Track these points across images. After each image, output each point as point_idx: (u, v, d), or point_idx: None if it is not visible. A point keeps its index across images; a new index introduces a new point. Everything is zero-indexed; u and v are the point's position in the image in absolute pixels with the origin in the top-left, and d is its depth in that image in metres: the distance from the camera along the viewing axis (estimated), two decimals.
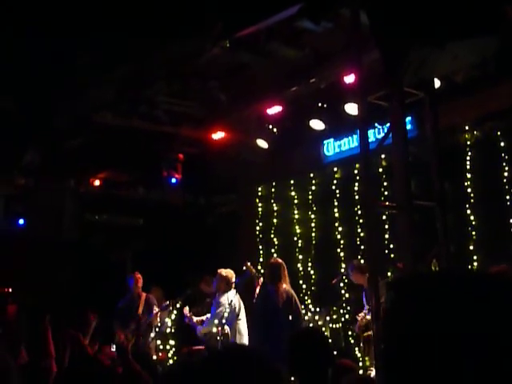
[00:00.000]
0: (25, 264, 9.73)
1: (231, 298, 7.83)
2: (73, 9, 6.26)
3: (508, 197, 7.88)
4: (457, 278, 1.13)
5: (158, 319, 8.99)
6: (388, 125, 8.21)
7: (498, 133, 8.07)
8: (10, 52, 6.84)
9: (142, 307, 8.87)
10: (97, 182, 10.96)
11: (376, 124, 8.66)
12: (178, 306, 9.36)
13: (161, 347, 9.17)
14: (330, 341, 7.70)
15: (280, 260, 7.82)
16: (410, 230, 5.66)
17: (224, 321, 7.69)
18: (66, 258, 10.38)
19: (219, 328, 7.62)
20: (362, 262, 8.40)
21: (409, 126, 6.82)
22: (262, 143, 9.54)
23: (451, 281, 1.11)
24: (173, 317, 9.23)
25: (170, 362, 9.13)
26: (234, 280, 7.99)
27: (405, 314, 1.08)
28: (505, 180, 7.94)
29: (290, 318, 7.24)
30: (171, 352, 9.29)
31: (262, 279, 7.84)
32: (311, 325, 9.17)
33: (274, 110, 8.83)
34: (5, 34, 6.59)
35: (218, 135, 9.66)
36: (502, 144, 8.01)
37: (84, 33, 6.56)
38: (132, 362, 4.88)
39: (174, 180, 10.34)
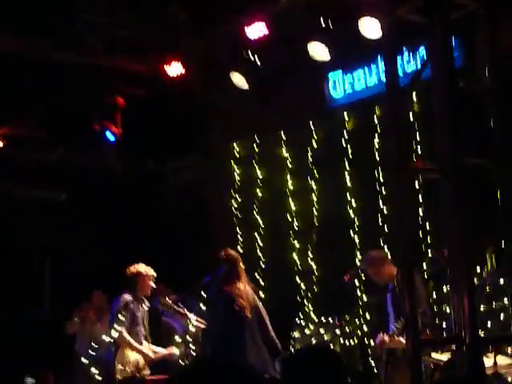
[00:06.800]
0: None
1: None
2: None
3: None
4: None
5: None
6: (423, 51, 8.28)
7: None
8: None
9: None
10: None
11: (404, 48, 8.67)
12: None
13: None
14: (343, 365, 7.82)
15: (233, 252, 8.10)
16: (458, 200, 5.67)
17: None
18: None
19: None
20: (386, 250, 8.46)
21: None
22: (240, 80, 9.50)
23: None
24: None
25: None
26: None
27: None
28: None
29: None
30: None
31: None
32: (314, 341, 9.25)
33: (256, 29, 8.78)
34: None
35: (175, 69, 9.58)
36: None
37: None
38: None
39: (110, 136, 10.27)
